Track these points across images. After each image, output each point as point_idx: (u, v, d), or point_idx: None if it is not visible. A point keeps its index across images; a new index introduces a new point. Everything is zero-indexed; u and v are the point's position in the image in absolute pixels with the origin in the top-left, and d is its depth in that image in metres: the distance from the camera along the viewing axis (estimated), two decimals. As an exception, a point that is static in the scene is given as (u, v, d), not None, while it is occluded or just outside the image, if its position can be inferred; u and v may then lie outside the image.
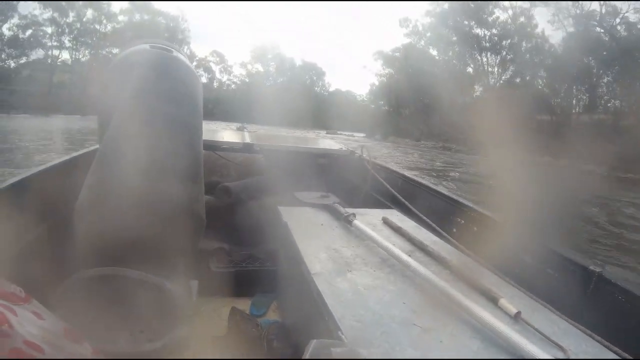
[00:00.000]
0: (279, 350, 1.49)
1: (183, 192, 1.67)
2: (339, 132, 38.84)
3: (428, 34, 41.64)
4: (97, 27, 43.92)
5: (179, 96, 1.93)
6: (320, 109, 45.00)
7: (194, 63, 46.11)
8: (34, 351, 0.94)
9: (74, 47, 43.31)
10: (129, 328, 1.42)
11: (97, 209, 1.54)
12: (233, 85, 52.33)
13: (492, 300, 1.15)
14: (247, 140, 3.20)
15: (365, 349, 0.92)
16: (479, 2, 37.08)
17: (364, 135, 38.96)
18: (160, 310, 1.48)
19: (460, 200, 2.02)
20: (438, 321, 1.07)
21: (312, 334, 1.16)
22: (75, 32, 42.47)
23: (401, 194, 2.34)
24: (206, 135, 2.98)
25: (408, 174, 2.73)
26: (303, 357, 0.84)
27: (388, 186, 2.52)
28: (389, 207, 2.18)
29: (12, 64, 39.21)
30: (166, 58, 2.05)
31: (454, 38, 39.36)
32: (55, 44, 42.04)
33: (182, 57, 2.17)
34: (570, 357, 0.97)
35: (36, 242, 1.67)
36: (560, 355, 0.97)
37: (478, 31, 38.88)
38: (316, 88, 55.31)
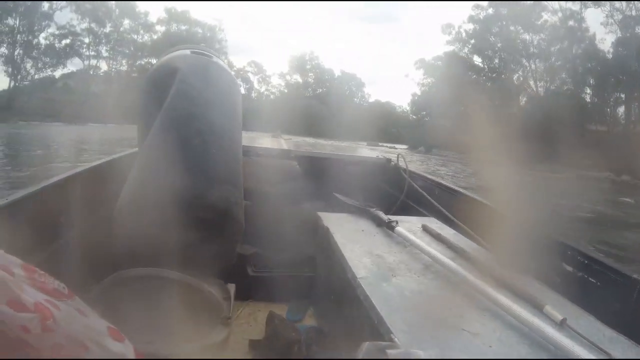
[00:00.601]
0: (318, 355, 1.51)
1: (222, 196, 1.72)
2: (380, 143, 38.43)
3: (472, 41, 40.90)
4: (135, 37, 45.50)
5: (219, 101, 1.99)
6: (359, 120, 44.97)
7: (232, 72, 46.69)
8: (77, 347, 0.96)
9: (111, 56, 44.86)
10: (166, 329, 1.48)
11: (136, 211, 1.61)
12: (272, 96, 53.04)
13: (537, 306, 1.16)
14: (284, 146, 3.27)
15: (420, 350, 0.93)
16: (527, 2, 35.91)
17: (407, 147, 38.43)
18: (199, 313, 1.52)
19: (498, 208, 1.99)
20: (486, 326, 1.09)
21: (358, 338, 1.18)
22: (112, 42, 44.10)
23: (438, 202, 2.36)
24: (243, 142, 3.05)
25: (444, 182, 2.72)
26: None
27: (425, 194, 2.55)
28: (425, 215, 2.20)
29: (50, 73, 41.01)
30: (207, 63, 2.12)
31: (499, 45, 38.40)
32: (92, 53, 43.76)
33: (222, 63, 2.24)
34: None
35: (76, 240, 1.75)
36: None
37: (526, 36, 37.85)
38: (355, 99, 55.41)
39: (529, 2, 36.49)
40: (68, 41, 41.55)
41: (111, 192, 1.78)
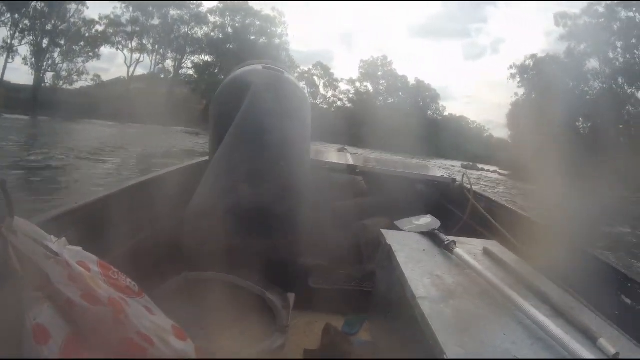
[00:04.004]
0: None
1: (290, 208, 2.00)
2: (480, 165, 35.04)
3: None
4: (185, 29, 45.07)
5: (290, 116, 2.28)
6: (434, 135, 43.99)
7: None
8: (145, 342, 1.16)
9: (155, 49, 44.59)
10: (227, 332, 1.69)
11: (206, 216, 1.89)
12: (338, 102, 53.15)
13: (591, 339, 1.23)
14: (350, 162, 3.58)
15: None
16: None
17: (507, 172, 34.34)
18: (259, 319, 1.78)
19: (565, 235, 2.13)
20: (537, 355, 1.18)
21: (412, 356, 1.37)
22: (158, 36, 43.89)
23: (502, 226, 2.50)
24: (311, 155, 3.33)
25: (509, 205, 2.83)
26: None
27: (488, 216, 2.72)
28: (487, 238, 2.33)
29: (82, 64, 41.13)
30: (278, 79, 2.41)
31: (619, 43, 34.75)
32: (136, 45, 43.71)
33: (292, 78, 2.51)
34: None
35: (146, 241, 2.04)
36: None
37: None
38: (429, 112, 54.64)
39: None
40: (101, 28, 41.77)
41: (181, 198, 2.05)
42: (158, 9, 43.14)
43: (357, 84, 54.51)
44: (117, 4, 43.05)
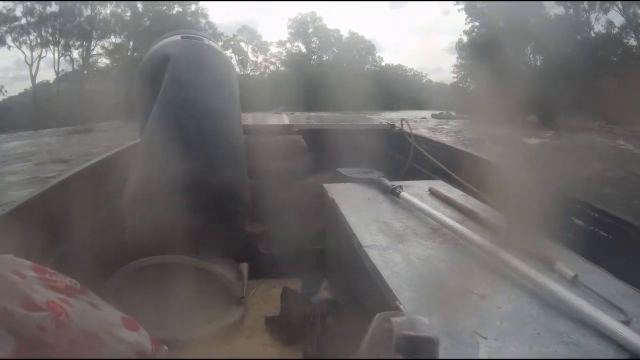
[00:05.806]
0: (333, 327, 1.73)
1: (226, 178, 2.01)
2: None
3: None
4: (87, 11, 40.19)
5: (215, 84, 2.29)
6: (377, 89, 43.72)
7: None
8: (92, 341, 1.17)
9: (55, 40, 39.30)
10: (183, 314, 1.70)
11: (143, 201, 1.88)
12: (271, 66, 51.91)
13: (548, 264, 1.28)
14: (286, 122, 3.58)
15: (426, 317, 1.08)
16: None
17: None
18: (213, 295, 1.80)
19: (505, 166, 2.17)
20: (494, 288, 1.20)
21: (367, 307, 1.39)
22: (58, 24, 39.09)
23: (444, 164, 2.61)
24: (244, 121, 3.29)
25: (449, 143, 2.90)
26: (369, 332, 0.98)
27: (430, 157, 2.82)
28: (433, 179, 2.43)
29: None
30: (198, 47, 2.39)
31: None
32: (36, 39, 38.34)
33: (214, 44, 2.49)
34: (631, 319, 1.06)
35: (87, 236, 2.01)
36: (621, 317, 1.06)
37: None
38: (367, 65, 54.45)
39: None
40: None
41: (115, 186, 1.99)
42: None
43: (288, 45, 53.48)
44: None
